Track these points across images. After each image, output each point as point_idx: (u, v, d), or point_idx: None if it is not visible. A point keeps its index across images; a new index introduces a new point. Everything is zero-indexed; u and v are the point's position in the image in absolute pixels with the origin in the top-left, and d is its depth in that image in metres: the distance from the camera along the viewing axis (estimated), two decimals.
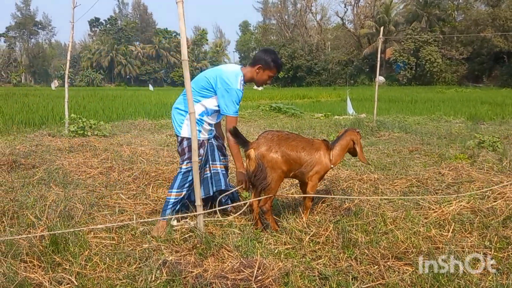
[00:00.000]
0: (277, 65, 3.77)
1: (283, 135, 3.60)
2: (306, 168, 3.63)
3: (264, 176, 3.46)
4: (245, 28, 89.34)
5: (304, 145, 3.63)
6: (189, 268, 2.74)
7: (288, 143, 3.55)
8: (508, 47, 39.87)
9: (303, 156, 3.59)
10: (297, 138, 3.66)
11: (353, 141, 3.82)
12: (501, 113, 13.89)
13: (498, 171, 5.55)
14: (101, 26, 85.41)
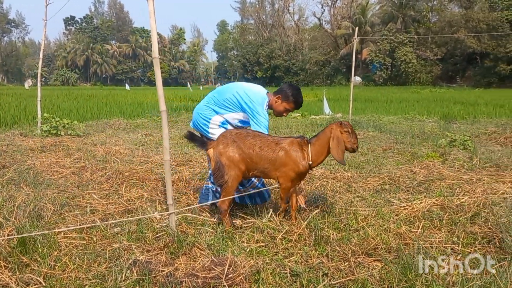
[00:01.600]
0: (296, 101, 3.83)
1: (242, 134, 3.51)
2: (268, 167, 3.48)
3: (221, 174, 3.44)
4: (223, 27, 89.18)
5: (263, 143, 3.47)
6: (160, 267, 2.72)
7: (245, 141, 3.45)
8: (480, 48, 40.82)
9: (262, 155, 3.44)
10: (257, 137, 3.51)
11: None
12: (473, 112, 14.22)
13: (468, 169, 5.68)
14: (77, 25, 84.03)
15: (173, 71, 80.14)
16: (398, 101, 20.13)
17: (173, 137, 8.91)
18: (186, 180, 5.04)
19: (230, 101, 3.83)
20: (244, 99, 3.78)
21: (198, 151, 7.18)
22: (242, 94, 3.80)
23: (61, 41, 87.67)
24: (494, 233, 3.28)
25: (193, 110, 4.21)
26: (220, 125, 3.92)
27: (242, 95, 3.80)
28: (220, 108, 3.88)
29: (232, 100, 3.82)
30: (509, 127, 9.67)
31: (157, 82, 3.09)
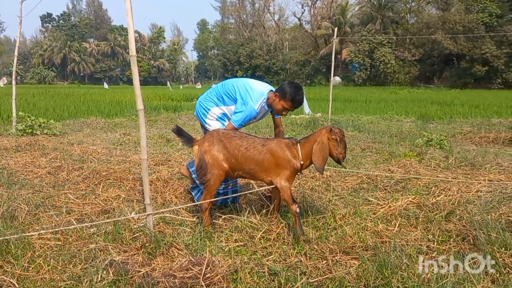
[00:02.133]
0: (293, 99, 3.72)
1: (229, 134, 3.49)
2: (254, 168, 3.44)
3: (204, 172, 3.44)
4: (203, 26, 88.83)
5: (250, 144, 3.43)
6: (137, 268, 2.69)
7: (231, 141, 3.44)
8: (457, 50, 41.58)
9: (248, 156, 3.41)
10: (244, 138, 3.48)
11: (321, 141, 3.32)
12: (449, 112, 14.47)
13: (444, 168, 5.78)
14: (54, 22, 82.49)
15: (153, 70, 79.36)
16: (377, 101, 20.36)
17: (152, 136, 8.83)
18: (164, 179, 5.00)
19: (229, 93, 3.86)
20: (240, 91, 3.79)
21: (177, 150, 7.14)
22: (241, 87, 3.82)
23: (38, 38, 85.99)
24: (468, 231, 3.34)
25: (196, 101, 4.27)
26: (218, 118, 3.95)
27: (241, 87, 3.82)
28: (219, 100, 3.92)
29: (231, 91, 3.84)
30: (483, 127, 9.88)
31: (134, 80, 3.05)
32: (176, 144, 7.87)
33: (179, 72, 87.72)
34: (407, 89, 35.87)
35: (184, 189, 4.70)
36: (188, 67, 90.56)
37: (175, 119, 12.35)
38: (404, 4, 49.83)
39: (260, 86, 3.92)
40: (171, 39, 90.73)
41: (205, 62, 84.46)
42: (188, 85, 66.94)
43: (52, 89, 31.84)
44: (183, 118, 12.68)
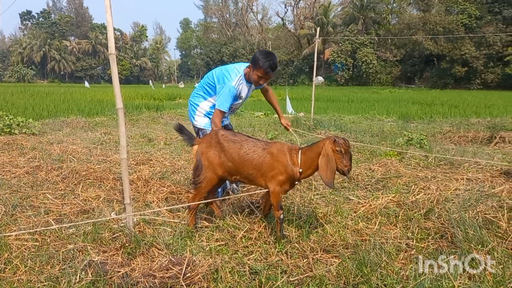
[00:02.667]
0: (263, 65, 3.66)
1: (229, 136, 3.38)
2: (253, 173, 3.30)
3: (198, 173, 3.42)
4: (186, 25, 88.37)
5: (250, 148, 3.29)
6: (116, 268, 2.66)
7: (230, 144, 3.33)
8: (437, 50, 42.19)
9: (246, 160, 3.27)
10: (245, 141, 3.35)
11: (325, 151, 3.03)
12: (429, 112, 14.66)
13: (424, 167, 5.85)
14: (33, 20, 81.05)
15: (135, 69, 78.61)
16: (359, 101, 20.52)
17: (134, 135, 8.75)
18: (145, 179, 4.95)
19: (209, 82, 3.92)
20: (218, 76, 3.85)
21: (158, 150, 7.08)
22: (217, 72, 3.89)
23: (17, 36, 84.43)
24: (446, 228, 3.39)
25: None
26: (206, 114, 4.01)
27: (218, 72, 3.88)
28: (205, 93, 3.98)
29: (210, 80, 3.91)
30: (462, 126, 10.03)
31: (113, 79, 3.02)
32: (157, 144, 7.81)
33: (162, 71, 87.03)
34: (388, 89, 36.27)
35: (165, 188, 4.67)
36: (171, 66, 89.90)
37: (157, 118, 12.25)
38: (386, 5, 50.36)
39: (235, 65, 3.97)
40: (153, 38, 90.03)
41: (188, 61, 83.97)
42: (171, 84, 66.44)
43: (32, 88, 31.31)
44: (165, 117, 12.59)
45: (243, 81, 3.84)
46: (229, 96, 3.75)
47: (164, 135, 8.74)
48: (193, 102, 4.06)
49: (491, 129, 8.82)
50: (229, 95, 3.75)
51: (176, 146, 7.56)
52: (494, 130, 8.63)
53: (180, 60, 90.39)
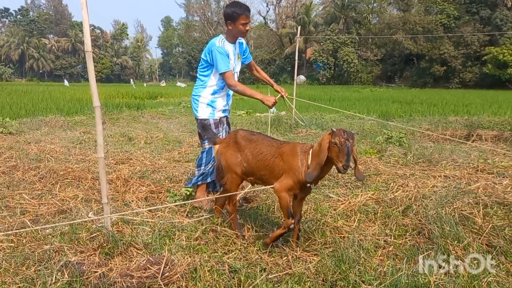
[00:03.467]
0: (242, 11, 3.82)
1: (246, 136, 3.28)
2: (265, 174, 3.14)
3: (222, 175, 3.39)
4: (168, 23, 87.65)
5: (265, 148, 3.13)
6: (93, 268, 2.63)
7: (247, 144, 3.22)
8: (417, 50, 42.75)
9: (259, 160, 3.13)
10: (261, 141, 3.21)
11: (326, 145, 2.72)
12: (409, 111, 14.83)
13: (402, 165, 5.92)
14: (11, 17, 79.40)
15: (116, 68, 77.67)
16: (340, 100, 20.66)
17: (114, 135, 8.65)
18: (125, 178, 4.90)
19: (202, 65, 4.02)
20: (204, 54, 3.99)
21: (139, 149, 7.02)
22: (203, 52, 4.02)
23: None
24: (423, 225, 3.44)
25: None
26: (208, 104, 4.05)
27: (203, 52, 4.01)
28: (203, 81, 4.04)
29: (203, 62, 4.01)
30: (441, 124, 10.18)
31: (90, 77, 2.98)
32: (137, 143, 7.74)
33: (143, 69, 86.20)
34: (369, 88, 36.59)
35: (145, 187, 4.63)
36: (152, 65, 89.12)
37: (138, 117, 12.14)
38: (367, 4, 50.82)
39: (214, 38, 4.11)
40: (134, 36, 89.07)
41: (169, 60, 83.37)
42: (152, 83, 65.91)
43: (9, 87, 30.71)
44: (146, 116, 12.48)
45: (224, 41, 3.96)
46: (222, 56, 3.85)
47: (145, 134, 8.67)
48: (194, 95, 4.11)
49: (468, 127, 8.98)
50: (222, 55, 3.85)
51: (157, 145, 7.51)
52: (471, 128, 8.79)
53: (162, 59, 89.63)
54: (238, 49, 4.13)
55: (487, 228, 3.27)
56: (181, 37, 75.76)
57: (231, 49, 3.98)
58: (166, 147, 7.29)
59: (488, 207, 3.74)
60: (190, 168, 5.65)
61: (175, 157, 6.40)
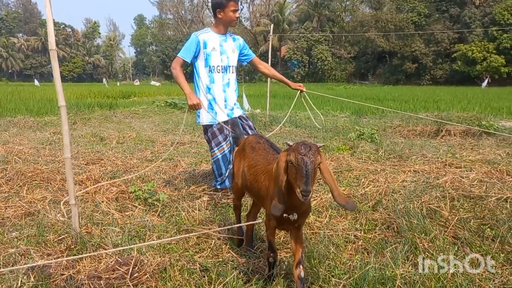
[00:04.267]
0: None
1: (253, 142, 2.78)
2: (257, 192, 2.59)
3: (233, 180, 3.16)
4: (141, 22, 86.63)
5: (259, 157, 2.64)
6: (60, 271, 2.58)
7: (249, 151, 2.76)
8: (389, 48, 43.48)
9: (252, 172, 2.65)
10: (262, 149, 2.69)
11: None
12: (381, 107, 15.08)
13: (374, 160, 6.01)
14: None
15: (88, 67, 76.29)
16: (314, 97, 20.78)
17: (85, 135, 8.50)
18: (95, 179, 4.82)
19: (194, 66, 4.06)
20: None
21: (110, 149, 6.92)
22: None
23: None
24: (392, 219, 3.50)
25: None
26: (210, 101, 4.01)
27: None
28: (197, 83, 4.02)
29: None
30: (412, 120, 10.36)
31: (55, 75, 2.91)
32: (109, 143, 7.62)
33: (116, 68, 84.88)
34: (343, 86, 37.01)
35: (116, 188, 4.57)
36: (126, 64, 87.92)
37: (110, 117, 11.96)
38: (340, 2, 51.36)
39: None
40: (106, 35, 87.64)
41: (143, 59, 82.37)
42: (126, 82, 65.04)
43: None
44: (118, 116, 12.31)
45: (209, 32, 3.94)
46: (189, 45, 3.88)
47: (117, 134, 8.55)
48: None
49: (437, 123, 9.16)
50: (188, 43, 3.88)
51: (129, 145, 7.41)
52: (440, 123, 8.97)
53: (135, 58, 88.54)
54: (233, 43, 4.09)
55: (454, 221, 3.35)
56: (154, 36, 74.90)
57: (216, 40, 3.94)
58: (139, 146, 7.21)
59: (455, 200, 3.84)
60: (163, 167, 5.60)
61: (147, 156, 6.34)
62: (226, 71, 4.07)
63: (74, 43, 76.23)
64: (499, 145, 6.92)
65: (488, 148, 6.54)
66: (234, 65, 4.11)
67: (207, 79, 3.99)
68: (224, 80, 4.07)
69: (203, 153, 6.55)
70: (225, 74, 4.06)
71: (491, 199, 3.85)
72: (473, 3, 41.80)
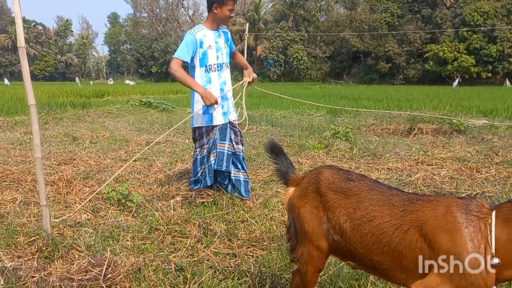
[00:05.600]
0: None
1: (339, 181, 1.90)
2: (385, 261, 1.80)
3: (294, 244, 2.14)
4: (114, 20, 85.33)
5: (374, 208, 1.79)
6: (31, 273, 2.52)
7: (338, 197, 1.92)
8: (363, 47, 44.06)
9: (367, 232, 1.81)
10: (368, 193, 1.83)
11: None
12: (356, 106, 15.26)
13: (348, 158, 6.09)
14: None
15: (60, 65, 74.63)
16: (291, 96, 20.92)
17: (57, 134, 8.32)
18: (67, 179, 4.73)
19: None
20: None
21: (83, 149, 6.79)
22: None
23: None
24: None
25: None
26: (205, 111, 3.89)
27: None
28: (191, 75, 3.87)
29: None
30: (385, 119, 10.54)
31: (24, 74, 2.85)
32: (82, 143, 7.49)
33: (89, 67, 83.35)
34: (319, 85, 37.29)
35: (88, 188, 4.49)
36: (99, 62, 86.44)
37: (83, 116, 11.76)
38: (315, 2, 51.76)
39: None
40: (79, 33, 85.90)
41: (117, 57, 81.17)
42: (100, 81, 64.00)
43: None
44: (91, 115, 12.11)
45: (203, 29, 3.83)
46: (185, 44, 3.72)
47: (90, 134, 8.40)
48: (191, 100, 4.01)
49: (410, 122, 9.33)
50: (185, 43, 3.73)
51: (103, 144, 7.30)
52: (413, 122, 9.14)
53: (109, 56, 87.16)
54: (224, 38, 4.01)
55: None
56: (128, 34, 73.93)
57: (211, 36, 3.85)
58: (113, 146, 7.11)
59: None
60: (137, 167, 5.54)
61: (121, 156, 6.25)
62: (221, 69, 3.96)
63: (45, 41, 74.51)
64: (469, 143, 7.10)
65: (459, 146, 6.70)
66: (227, 61, 4.04)
67: (204, 80, 3.86)
68: (221, 78, 3.97)
69: (179, 153, 6.51)
70: (221, 72, 3.97)
71: (462, 195, 3.95)
72: (444, 4, 42.75)
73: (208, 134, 3.93)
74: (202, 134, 3.94)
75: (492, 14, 36.94)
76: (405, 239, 1.62)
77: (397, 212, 1.68)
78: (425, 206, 1.63)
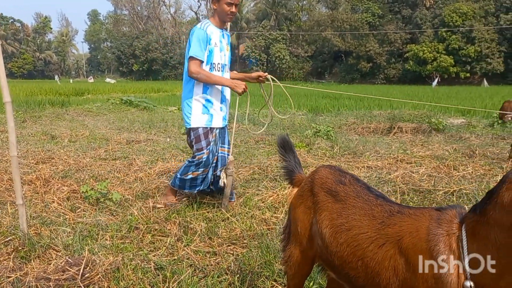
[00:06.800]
0: None
1: (332, 182, 1.81)
2: (360, 276, 1.63)
3: (284, 243, 2.13)
4: (94, 17, 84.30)
5: (355, 218, 1.65)
6: (6, 274, 2.47)
7: (327, 199, 1.83)
8: (345, 47, 44.45)
9: (345, 242, 1.68)
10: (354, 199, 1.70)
11: None
12: (337, 105, 15.37)
13: (329, 157, 6.13)
14: None
15: (39, 63, 73.40)
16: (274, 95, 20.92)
17: (35, 133, 8.17)
18: (45, 178, 4.65)
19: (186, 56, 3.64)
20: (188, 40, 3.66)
21: (62, 147, 6.69)
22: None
23: None
24: None
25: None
26: (204, 106, 3.66)
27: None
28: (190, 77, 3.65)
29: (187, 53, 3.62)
30: (366, 118, 10.63)
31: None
32: (61, 141, 7.37)
33: (69, 65, 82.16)
34: (301, 84, 37.45)
35: (67, 187, 4.43)
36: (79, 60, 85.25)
37: (62, 115, 11.57)
38: (297, 2, 51.96)
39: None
40: (58, 30, 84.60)
41: (97, 55, 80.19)
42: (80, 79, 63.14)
43: None
44: (71, 114, 11.93)
45: (210, 25, 3.61)
46: (197, 40, 3.48)
47: (69, 132, 8.27)
48: (185, 99, 3.69)
49: (390, 120, 9.45)
50: (197, 38, 3.48)
51: (82, 143, 7.20)
52: (393, 121, 9.26)
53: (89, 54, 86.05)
54: (227, 40, 3.83)
55: None
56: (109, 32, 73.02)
57: (217, 34, 3.65)
58: (92, 145, 7.01)
59: (405, 194, 3.97)
60: (117, 165, 5.48)
61: (101, 155, 6.18)
62: (224, 70, 3.78)
63: (24, 39, 73.16)
64: (447, 142, 7.21)
65: (437, 145, 6.81)
66: (228, 63, 3.85)
67: (215, 90, 3.68)
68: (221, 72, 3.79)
69: (159, 151, 6.46)
70: (223, 73, 3.78)
71: (439, 193, 4.03)
72: (424, 5, 43.38)
73: (206, 136, 3.66)
74: (198, 136, 3.65)
75: (470, 15, 37.67)
76: (378, 255, 1.47)
77: (375, 224, 1.53)
78: (404, 220, 1.47)
